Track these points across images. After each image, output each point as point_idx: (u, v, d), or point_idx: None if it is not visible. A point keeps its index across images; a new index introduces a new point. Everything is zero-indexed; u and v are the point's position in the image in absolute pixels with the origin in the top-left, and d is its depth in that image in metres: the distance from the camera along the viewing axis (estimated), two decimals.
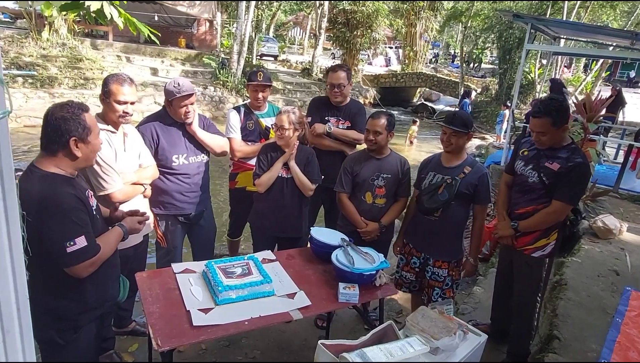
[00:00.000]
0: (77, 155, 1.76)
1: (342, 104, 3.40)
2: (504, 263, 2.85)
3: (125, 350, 2.79)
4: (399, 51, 29.83)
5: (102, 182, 2.30)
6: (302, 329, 3.14)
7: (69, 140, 1.72)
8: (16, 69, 10.89)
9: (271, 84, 3.41)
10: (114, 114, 2.39)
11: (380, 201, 2.89)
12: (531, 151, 2.60)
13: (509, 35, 17.14)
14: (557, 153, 2.45)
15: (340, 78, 3.28)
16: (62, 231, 1.66)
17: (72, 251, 1.67)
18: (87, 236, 1.73)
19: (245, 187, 3.48)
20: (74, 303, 1.84)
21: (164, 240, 2.94)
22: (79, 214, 1.72)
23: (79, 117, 1.75)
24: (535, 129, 2.45)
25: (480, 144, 11.94)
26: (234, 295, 2.08)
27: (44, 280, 1.75)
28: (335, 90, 3.29)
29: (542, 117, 2.38)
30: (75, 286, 1.80)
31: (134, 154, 2.56)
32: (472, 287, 3.90)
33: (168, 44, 16.89)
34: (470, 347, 2.12)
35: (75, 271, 1.72)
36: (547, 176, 2.44)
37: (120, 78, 2.40)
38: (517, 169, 2.65)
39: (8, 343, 0.90)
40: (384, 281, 2.41)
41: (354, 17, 18.62)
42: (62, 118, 1.71)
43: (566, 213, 2.47)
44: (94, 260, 1.77)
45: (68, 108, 1.74)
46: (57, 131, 1.71)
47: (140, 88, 12.22)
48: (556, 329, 2.63)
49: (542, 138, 2.44)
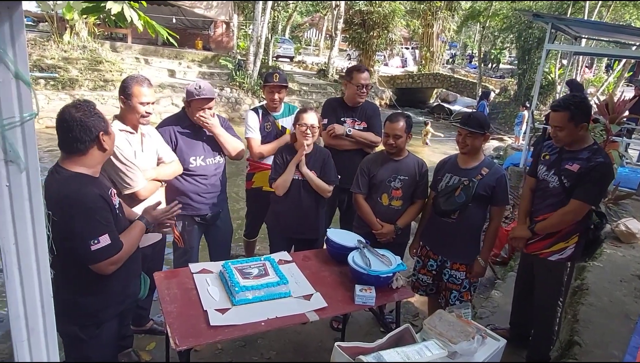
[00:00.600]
0: (106, 147, 1.82)
1: (358, 105, 3.41)
2: (525, 267, 2.80)
3: (143, 348, 2.82)
4: (415, 52, 29.63)
5: (127, 180, 2.35)
6: (318, 331, 3.13)
7: (99, 135, 1.78)
8: (38, 72, 11.16)
9: (287, 85, 3.42)
10: (135, 115, 2.42)
11: (397, 203, 2.87)
12: (552, 155, 2.55)
13: (528, 35, 16.85)
14: (578, 154, 2.40)
15: (367, 78, 3.34)
16: (86, 230, 1.70)
17: (97, 249, 1.72)
18: (111, 234, 1.77)
19: (261, 187, 3.50)
20: (97, 299, 1.88)
21: (180, 240, 2.97)
22: (103, 213, 1.76)
23: (96, 111, 1.80)
24: (552, 123, 2.41)
25: (499, 146, 11.77)
26: (251, 296, 2.09)
27: (68, 277, 1.79)
28: (363, 90, 3.32)
29: (560, 110, 2.35)
30: (98, 282, 1.84)
31: (151, 155, 2.59)
32: (490, 291, 3.85)
33: (185, 46, 17.09)
34: (489, 352, 2.09)
35: (99, 269, 1.77)
36: (567, 179, 2.39)
37: (140, 79, 2.43)
38: (539, 174, 2.61)
39: (33, 342, 0.92)
40: (400, 284, 2.39)
41: (370, 17, 18.56)
42: (84, 116, 1.75)
43: (584, 213, 2.39)
44: (117, 258, 1.80)
45: (83, 106, 1.78)
46: (86, 129, 1.74)
47: (158, 90, 12.40)
48: (577, 335, 2.57)
49: (559, 133, 2.38)
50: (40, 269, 0.90)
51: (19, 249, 0.87)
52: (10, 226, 0.86)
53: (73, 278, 1.81)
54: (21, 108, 0.83)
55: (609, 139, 5.06)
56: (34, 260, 0.89)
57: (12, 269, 0.88)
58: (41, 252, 0.90)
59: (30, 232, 0.88)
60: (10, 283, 0.88)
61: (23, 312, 0.89)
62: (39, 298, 0.91)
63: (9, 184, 0.84)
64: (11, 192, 0.85)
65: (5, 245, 0.86)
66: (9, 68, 0.80)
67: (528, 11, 12.23)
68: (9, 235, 0.86)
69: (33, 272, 0.90)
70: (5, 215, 0.85)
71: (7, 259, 0.87)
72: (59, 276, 1.77)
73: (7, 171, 0.84)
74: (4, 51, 0.78)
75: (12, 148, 0.82)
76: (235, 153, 3.01)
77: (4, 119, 0.81)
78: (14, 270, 0.88)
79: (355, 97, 3.35)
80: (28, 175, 0.86)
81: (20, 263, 0.88)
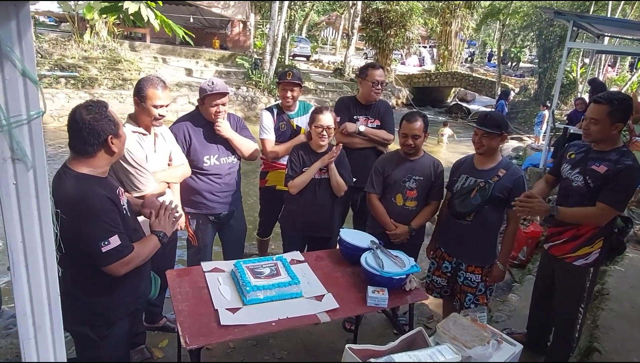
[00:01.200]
0: (114, 151, 1.81)
1: (370, 103, 3.39)
2: (545, 270, 2.72)
3: (156, 345, 2.84)
4: (433, 50, 29.33)
5: (137, 184, 2.35)
6: (330, 331, 3.11)
7: (107, 139, 1.76)
8: (59, 71, 11.39)
9: (301, 83, 3.41)
10: (149, 117, 2.43)
11: (411, 204, 2.82)
12: (579, 154, 2.47)
13: (549, 33, 16.51)
14: (605, 156, 2.31)
15: (382, 75, 3.32)
16: (96, 232, 1.70)
17: (107, 250, 1.71)
18: (120, 235, 1.76)
19: (275, 186, 3.49)
20: (107, 300, 1.89)
21: (194, 238, 2.99)
22: (110, 214, 1.75)
23: (107, 114, 1.78)
24: (589, 115, 2.32)
25: (518, 146, 11.56)
26: (262, 296, 2.08)
27: (77, 278, 1.79)
28: (378, 87, 3.30)
29: (602, 103, 2.26)
30: (107, 283, 1.84)
31: (164, 155, 2.60)
32: (507, 294, 3.77)
33: (202, 45, 17.25)
34: (504, 357, 2.03)
35: (111, 270, 1.76)
36: (592, 179, 2.31)
37: (155, 82, 2.42)
38: (563, 173, 2.53)
39: (39, 340, 0.92)
40: (414, 286, 2.35)
41: (387, 16, 18.44)
42: (94, 119, 1.73)
43: (609, 218, 2.32)
44: (128, 259, 1.79)
45: (94, 108, 1.76)
46: (94, 133, 1.73)
47: (175, 88, 12.55)
48: (596, 341, 2.51)
49: (592, 127, 2.30)
50: (47, 267, 0.90)
51: (26, 247, 0.87)
52: (18, 224, 0.86)
53: (83, 278, 1.81)
54: (28, 106, 0.83)
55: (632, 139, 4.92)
56: (41, 257, 0.89)
57: (19, 267, 0.88)
58: (48, 250, 0.90)
59: (38, 230, 0.88)
60: (18, 281, 0.88)
61: (30, 310, 0.90)
62: (46, 296, 0.91)
63: (16, 183, 0.84)
64: (18, 190, 0.85)
65: (12, 242, 0.86)
66: (16, 66, 0.79)
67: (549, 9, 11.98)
68: (16, 233, 0.86)
69: (40, 270, 0.89)
70: (13, 213, 0.85)
71: (14, 257, 0.87)
72: (68, 276, 1.77)
73: (14, 170, 0.84)
74: (10, 48, 0.78)
75: (19, 146, 0.82)
76: (249, 154, 3.01)
77: (10, 117, 0.81)
78: (21, 267, 0.88)
79: (371, 94, 3.33)
80: (35, 173, 0.86)
81: (28, 261, 0.88)
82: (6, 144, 0.82)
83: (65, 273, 1.64)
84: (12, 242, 0.86)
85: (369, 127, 3.34)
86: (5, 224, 0.86)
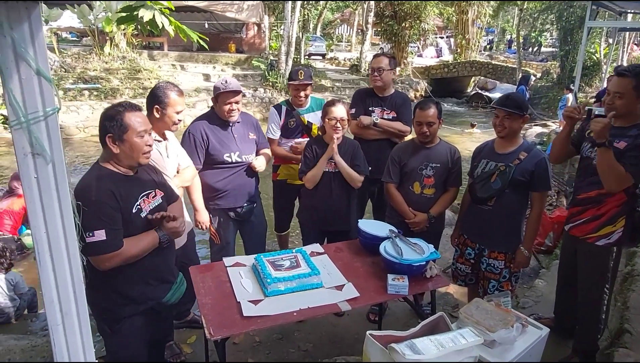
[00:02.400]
0: (113, 151, 1.84)
1: (387, 94, 3.36)
2: (568, 253, 2.66)
3: (184, 341, 2.91)
4: (450, 41, 28.87)
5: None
6: (354, 323, 3.12)
7: (105, 137, 1.82)
8: (82, 83, 11.76)
9: (311, 82, 3.41)
10: (169, 122, 2.50)
11: (429, 191, 2.81)
12: None
13: (569, 15, 16.02)
14: (626, 132, 2.24)
15: (380, 62, 3.28)
16: (85, 222, 1.68)
17: (90, 241, 1.72)
18: (109, 231, 1.76)
19: (286, 180, 3.56)
20: (112, 296, 1.93)
21: (217, 236, 3.05)
22: (104, 208, 1.77)
23: (119, 115, 1.82)
24: (613, 88, 2.25)
25: (542, 132, 11.27)
26: (283, 287, 2.11)
27: (89, 270, 1.82)
28: (375, 74, 3.28)
29: (627, 77, 2.20)
30: (106, 280, 1.88)
31: (175, 159, 2.65)
32: (534, 280, 3.70)
33: (219, 50, 17.49)
34: (530, 341, 2.01)
35: (94, 262, 1.79)
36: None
37: (173, 88, 2.50)
38: (583, 152, 2.47)
39: (67, 325, 0.97)
40: (434, 273, 2.34)
41: (401, 8, 18.27)
42: (104, 116, 1.83)
43: (624, 184, 2.23)
44: (112, 256, 1.79)
45: (115, 107, 1.85)
46: (101, 129, 1.84)
47: (193, 94, 12.77)
48: (627, 322, 2.44)
49: (617, 102, 2.22)
50: (70, 256, 0.95)
51: (50, 237, 0.92)
52: (41, 215, 0.91)
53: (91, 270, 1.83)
54: (44, 103, 0.88)
55: None
56: (64, 247, 0.94)
57: (45, 256, 0.93)
58: (70, 240, 0.95)
59: (59, 221, 0.93)
60: (44, 270, 0.93)
61: (57, 297, 0.95)
62: (71, 283, 0.96)
63: (37, 176, 0.89)
64: (39, 183, 0.90)
65: (37, 233, 0.91)
66: (31, 65, 0.84)
67: None
68: (39, 224, 0.91)
69: (64, 259, 0.94)
70: (35, 205, 0.90)
71: (39, 247, 0.92)
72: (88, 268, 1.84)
73: (35, 164, 0.89)
74: (24, 49, 0.83)
75: (37, 141, 0.87)
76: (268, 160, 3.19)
77: (28, 114, 0.85)
78: (46, 257, 0.93)
79: (371, 83, 3.36)
80: (54, 167, 0.90)
81: (52, 250, 0.93)
82: (26, 139, 0.87)
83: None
84: (37, 233, 0.91)
85: (384, 118, 3.32)
86: (30, 217, 0.91)
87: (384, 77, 3.28)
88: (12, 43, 0.83)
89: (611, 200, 2.30)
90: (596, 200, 2.35)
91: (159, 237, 1.95)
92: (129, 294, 1.96)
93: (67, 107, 10.75)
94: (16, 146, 0.87)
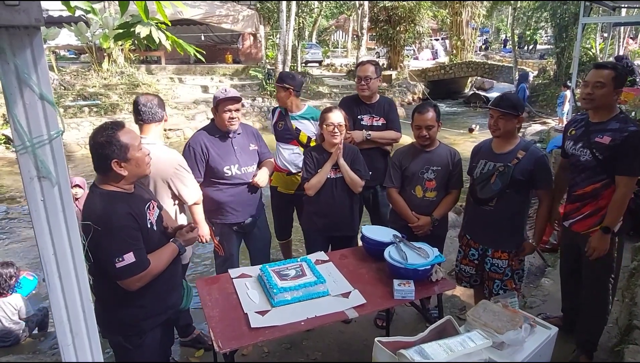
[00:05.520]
0: (122, 174, 1.84)
1: (373, 101, 3.36)
2: (569, 248, 2.67)
3: (192, 354, 2.91)
4: (445, 42, 28.97)
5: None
6: (362, 329, 3.12)
7: (111, 163, 1.80)
8: (82, 100, 11.83)
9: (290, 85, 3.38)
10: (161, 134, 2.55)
11: (431, 195, 2.81)
12: (579, 129, 2.47)
13: (563, 12, 16.08)
14: (606, 126, 2.31)
15: (367, 71, 3.25)
16: (111, 247, 1.75)
17: (121, 266, 1.75)
18: (136, 252, 1.79)
19: (277, 187, 3.60)
20: (135, 311, 1.94)
21: (221, 248, 3.05)
22: (129, 231, 1.80)
23: (114, 138, 1.80)
24: (594, 78, 2.31)
25: (541, 130, 11.28)
26: (289, 297, 2.11)
27: (108, 287, 1.86)
28: (362, 83, 3.26)
29: (608, 68, 2.29)
30: (135, 295, 1.88)
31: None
32: (540, 279, 3.69)
33: (216, 61, 17.59)
34: (539, 341, 2.01)
35: (125, 285, 1.81)
36: (599, 151, 2.30)
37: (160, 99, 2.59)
38: (567, 149, 2.53)
39: (77, 344, 0.97)
40: (440, 276, 2.34)
41: (395, 13, 18.38)
42: (100, 144, 1.79)
43: (634, 185, 2.30)
44: (142, 275, 1.82)
45: (103, 131, 1.81)
46: (100, 157, 1.81)
47: (192, 106, 12.82)
48: (636, 319, 2.43)
49: (597, 91, 2.29)
50: (78, 276, 0.96)
51: (58, 258, 0.93)
52: (48, 237, 0.92)
53: (111, 290, 1.86)
54: (48, 127, 0.89)
55: None
56: (72, 267, 0.95)
57: (54, 277, 0.94)
58: (78, 260, 0.96)
59: (67, 242, 0.94)
60: (53, 290, 0.94)
61: (66, 317, 0.96)
62: (80, 303, 0.97)
63: (43, 199, 0.91)
64: (46, 206, 0.91)
65: (45, 255, 0.92)
66: (34, 90, 0.86)
67: None
68: (47, 246, 0.92)
69: (72, 279, 0.95)
70: (43, 227, 0.92)
71: (47, 268, 0.93)
72: (100, 286, 1.84)
73: (41, 187, 0.90)
74: (28, 75, 0.84)
75: (43, 164, 0.88)
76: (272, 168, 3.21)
77: (33, 138, 0.87)
78: (55, 278, 0.94)
79: (358, 91, 3.33)
80: (60, 189, 0.92)
81: (60, 271, 0.94)
82: (32, 163, 0.88)
83: (96, 282, 1.72)
84: (45, 254, 0.92)
85: (374, 125, 3.32)
86: (37, 239, 0.92)
87: (371, 86, 3.27)
88: (15, 69, 0.85)
89: (608, 192, 2.34)
90: (593, 195, 2.39)
91: (178, 248, 2.03)
92: (153, 306, 1.99)
93: (67, 125, 10.80)
94: (22, 170, 0.88)
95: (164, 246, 1.99)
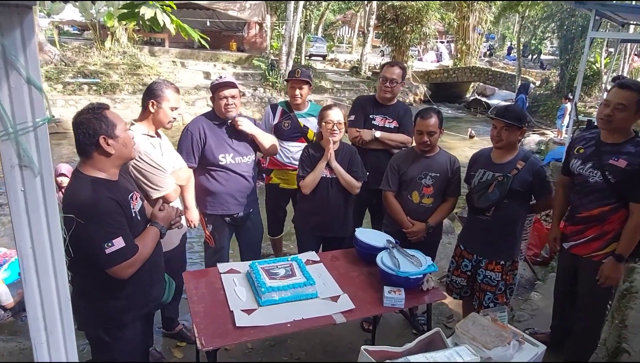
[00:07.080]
0: (110, 152, 1.79)
1: (390, 103, 3.31)
2: (566, 269, 2.61)
3: (174, 345, 2.87)
4: (450, 46, 28.90)
5: (158, 183, 2.37)
6: (348, 332, 3.09)
7: (99, 139, 1.75)
8: (82, 77, 11.69)
9: (309, 81, 3.39)
10: (165, 120, 2.46)
11: (428, 201, 2.78)
12: (588, 148, 2.37)
13: (571, 24, 16.06)
14: (621, 148, 2.21)
15: (394, 73, 3.20)
16: (100, 234, 1.69)
17: (111, 252, 1.70)
18: (125, 237, 1.75)
19: (278, 184, 3.54)
20: (118, 303, 1.89)
21: (211, 239, 3.01)
22: (115, 216, 1.75)
23: (101, 115, 1.78)
24: (615, 99, 2.16)
25: (540, 141, 11.28)
26: (277, 297, 2.07)
27: (88, 280, 1.81)
28: (387, 85, 3.20)
29: (632, 90, 2.13)
30: (117, 287, 1.84)
31: (169, 158, 2.60)
32: (530, 292, 3.68)
33: (220, 47, 17.43)
34: (527, 358, 1.98)
35: (116, 272, 1.75)
36: (613, 175, 2.21)
37: (170, 85, 2.48)
38: (573, 169, 2.42)
39: (52, 343, 0.93)
40: (431, 286, 2.31)
41: (403, 12, 18.25)
42: (86, 120, 1.75)
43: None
44: (133, 261, 1.78)
45: (89, 110, 1.78)
46: (86, 134, 1.74)
47: (193, 91, 12.71)
48: (625, 342, 2.41)
49: (617, 114, 2.15)
50: (57, 272, 0.91)
51: (36, 252, 0.88)
52: (27, 230, 0.87)
53: (93, 281, 1.82)
54: (34, 113, 0.84)
55: None
56: (50, 263, 0.90)
57: (30, 272, 0.89)
58: (57, 255, 0.91)
59: (46, 235, 0.89)
60: (29, 286, 0.89)
61: (41, 314, 0.91)
62: (57, 300, 0.92)
63: (24, 189, 0.86)
64: (26, 196, 0.86)
65: (22, 248, 0.87)
66: (21, 74, 0.80)
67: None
68: (25, 239, 0.87)
69: (50, 275, 0.91)
70: (21, 219, 0.86)
71: (24, 262, 0.88)
72: (79, 279, 1.79)
73: (22, 176, 0.85)
74: (15, 57, 0.79)
75: (26, 153, 0.83)
76: (269, 146, 3.02)
77: (17, 125, 0.82)
78: (31, 273, 0.89)
79: (380, 92, 3.27)
80: (42, 179, 0.87)
81: (38, 266, 0.89)
82: (13, 151, 0.83)
83: (75, 276, 1.66)
84: (22, 248, 0.87)
85: (386, 127, 3.27)
86: (15, 231, 0.87)
87: (394, 90, 3.22)
88: (2, 50, 0.79)
89: (615, 217, 2.26)
90: (599, 218, 2.30)
91: (159, 230, 1.97)
92: (135, 299, 1.94)
93: (65, 101, 10.68)
94: (3, 157, 0.83)
95: (145, 230, 1.94)
